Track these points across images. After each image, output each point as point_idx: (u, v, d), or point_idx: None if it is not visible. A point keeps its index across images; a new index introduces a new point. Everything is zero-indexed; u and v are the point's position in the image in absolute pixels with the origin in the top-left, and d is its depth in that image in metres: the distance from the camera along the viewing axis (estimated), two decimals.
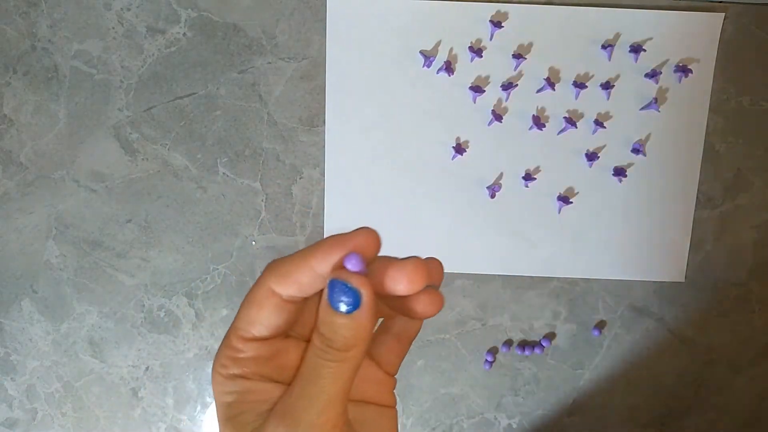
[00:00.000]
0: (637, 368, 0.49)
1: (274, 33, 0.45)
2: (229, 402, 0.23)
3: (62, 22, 0.45)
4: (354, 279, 0.21)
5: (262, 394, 0.23)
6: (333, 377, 0.22)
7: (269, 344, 0.24)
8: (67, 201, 0.47)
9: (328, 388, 0.22)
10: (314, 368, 0.22)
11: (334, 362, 0.22)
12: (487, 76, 0.45)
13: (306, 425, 0.22)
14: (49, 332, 0.48)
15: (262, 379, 0.24)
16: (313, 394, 0.22)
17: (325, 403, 0.22)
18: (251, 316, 0.23)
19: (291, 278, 0.23)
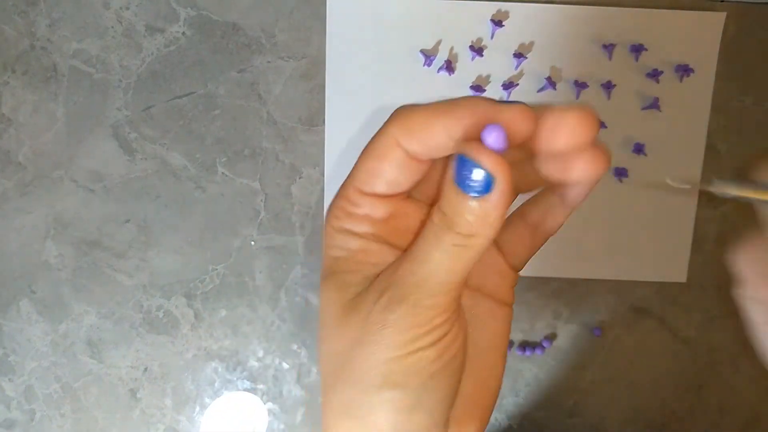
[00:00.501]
0: (639, 369, 0.49)
1: (273, 32, 0.45)
2: (336, 257, 0.21)
3: (61, 22, 0.45)
4: (488, 160, 0.18)
5: (374, 256, 0.21)
6: (449, 262, 0.19)
7: (388, 202, 0.21)
8: (65, 201, 0.47)
9: (441, 273, 0.19)
10: (430, 247, 0.19)
11: (453, 246, 0.19)
12: (488, 75, 0.44)
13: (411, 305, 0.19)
14: (47, 333, 0.48)
15: (376, 240, 0.21)
16: (425, 274, 0.19)
17: (436, 287, 0.19)
18: (371, 167, 0.20)
19: (418, 134, 0.20)
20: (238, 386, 0.49)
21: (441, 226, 0.19)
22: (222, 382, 0.49)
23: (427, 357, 0.20)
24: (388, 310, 0.20)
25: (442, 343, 0.20)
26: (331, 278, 0.21)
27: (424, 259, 0.20)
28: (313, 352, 0.48)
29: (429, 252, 0.19)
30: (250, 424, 0.49)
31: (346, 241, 0.21)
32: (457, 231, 0.19)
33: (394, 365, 0.20)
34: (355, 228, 0.21)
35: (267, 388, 0.48)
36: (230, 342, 0.48)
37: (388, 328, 0.19)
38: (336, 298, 0.21)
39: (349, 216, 0.21)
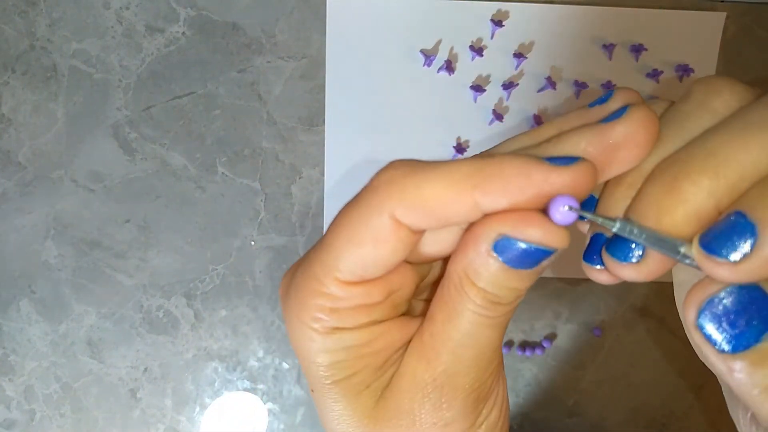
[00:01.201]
0: (639, 369, 0.48)
1: (273, 32, 0.45)
2: (333, 362, 0.18)
3: (61, 22, 0.45)
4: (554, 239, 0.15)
5: (380, 341, 0.18)
6: (496, 335, 0.17)
7: (381, 282, 0.17)
8: (65, 201, 0.47)
9: (489, 350, 0.17)
10: (474, 330, 0.17)
11: (499, 318, 0.17)
12: (488, 75, 0.44)
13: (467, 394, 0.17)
14: (47, 333, 0.48)
15: (378, 324, 0.18)
16: (472, 358, 0.17)
17: (484, 364, 0.18)
18: (362, 255, 0.16)
19: (433, 211, 0.15)
20: (238, 386, 0.49)
21: (485, 304, 0.17)
22: (222, 382, 0.48)
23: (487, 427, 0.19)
24: (443, 408, 0.17)
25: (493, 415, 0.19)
26: (335, 389, 0.18)
27: (471, 343, 0.17)
28: None
29: (475, 334, 0.17)
30: (250, 424, 0.49)
31: (340, 341, 0.17)
32: (505, 303, 0.17)
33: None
34: (348, 323, 0.17)
35: (267, 388, 0.48)
36: (230, 342, 0.48)
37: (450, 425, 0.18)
38: (355, 410, 0.18)
39: (335, 312, 0.17)
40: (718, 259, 0.14)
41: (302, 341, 0.18)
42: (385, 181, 0.16)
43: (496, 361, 0.18)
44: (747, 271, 0.14)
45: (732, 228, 0.14)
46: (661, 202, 0.15)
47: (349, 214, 0.17)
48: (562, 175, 0.15)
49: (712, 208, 0.15)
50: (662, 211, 0.15)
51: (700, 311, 0.15)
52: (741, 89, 0.16)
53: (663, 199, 0.15)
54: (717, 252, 0.14)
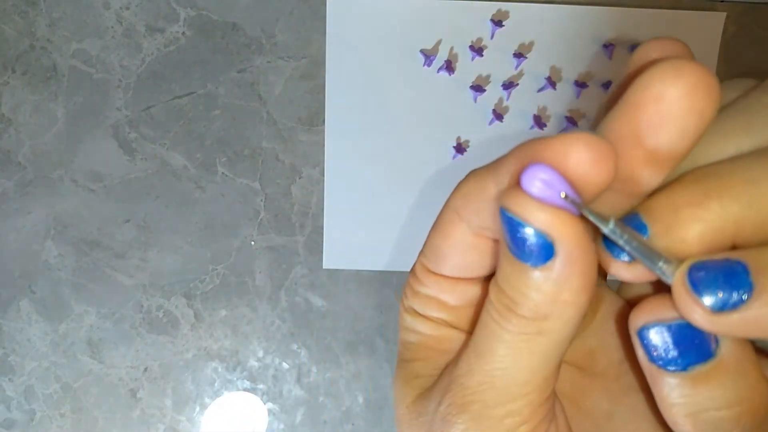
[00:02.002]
0: None
1: (273, 32, 0.45)
2: (408, 341, 0.18)
3: (61, 22, 0.45)
4: (535, 215, 0.13)
5: (446, 343, 0.17)
6: (518, 356, 0.14)
7: (459, 285, 0.16)
8: (65, 201, 0.47)
9: (509, 372, 0.14)
10: (491, 338, 0.14)
11: (520, 335, 0.14)
12: (488, 75, 0.44)
13: (474, 415, 0.15)
14: (47, 333, 0.48)
15: (448, 326, 0.17)
16: (488, 375, 0.15)
17: (505, 391, 0.14)
18: (435, 245, 0.16)
19: (472, 201, 0.15)
20: (238, 386, 0.49)
21: (501, 309, 0.14)
22: (222, 382, 0.49)
23: None
24: (447, 421, 0.15)
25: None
26: (402, 367, 0.18)
27: (484, 352, 0.15)
28: (313, 351, 0.48)
29: (490, 345, 0.15)
30: (250, 424, 0.49)
31: (415, 324, 0.17)
32: (521, 314, 0.14)
33: None
34: (423, 310, 0.17)
35: (267, 388, 0.48)
36: (230, 342, 0.48)
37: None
38: (405, 392, 0.17)
39: (417, 296, 0.17)
40: (697, 300, 0.13)
41: (399, 317, 0.18)
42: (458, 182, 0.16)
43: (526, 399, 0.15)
44: (719, 326, 0.13)
45: (728, 276, 0.13)
46: (680, 211, 0.13)
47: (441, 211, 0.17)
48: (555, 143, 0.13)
49: (728, 238, 0.13)
50: (677, 220, 0.13)
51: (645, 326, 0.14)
52: None
53: (684, 208, 0.13)
54: (700, 293, 0.13)
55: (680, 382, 0.14)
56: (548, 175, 0.13)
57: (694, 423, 0.14)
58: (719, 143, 0.14)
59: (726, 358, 0.14)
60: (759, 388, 0.14)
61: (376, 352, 0.48)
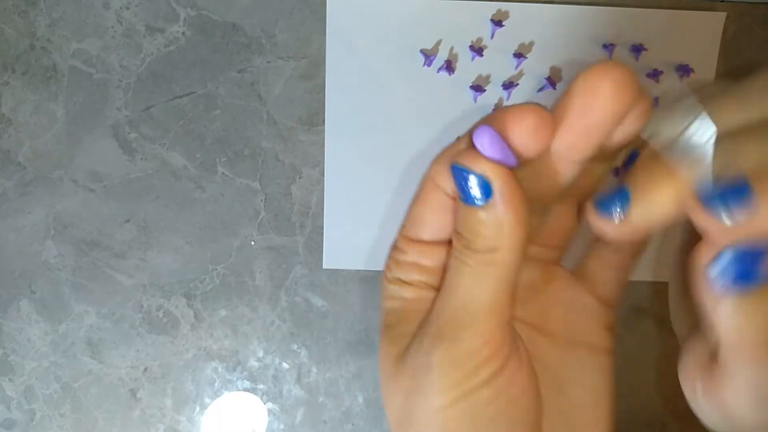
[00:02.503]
0: (639, 369, 0.48)
1: (273, 32, 0.45)
2: (391, 308, 0.20)
3: (61, 21, 0.45)
4: (474, 162, 0.17)
5: (426, 303, 0.20)
6: (479, 285, 0.18)
7: (436, 249, 0.20)
8: (65, 201, 0.47)
9: (473, 300, 0.18)
10: (456, 275, 0.18)
11: (478, 267, 0.17)
12: (488, 75, 0.44)
13: (450, 341, 0.18)
14: (47, 333, 0.48)
15: (427, 288, 0.20)
16: (457, 305, 0.18)
17: (472, 316, 0.18)
18: (416, 213, 0.20)
19: (445, 167, 0.18)
20: (238, 386, 0.49)
21: (461, 249, 0.18)
22: (222, 382, 0.49)
23: (481, 399, 0.18)
24: (430, 353, 0.18)
25: (497, 383, 0.18)
26: (387, 331, 0.20)
27: (453, 288, 0.18)
28: (313, 351, 0.48)
29: (456, 280, 0.18)
30: (250, 424, 0.49)
31: (398, 291, 0.20)
32: (476, 248, 0.17)
33: (448, 413, 0.18)
34: (406, 277, 0.20)
35: (267, 388, 0.48)
36: (230, 342, 0.48)
37: (434, 371, 0.18)
38: (390, 351, 0.20)
39: (399, 265, 0.20)
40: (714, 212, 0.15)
41: (381, 290, 0.21)
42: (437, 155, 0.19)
43: (489, 323, 0.18)
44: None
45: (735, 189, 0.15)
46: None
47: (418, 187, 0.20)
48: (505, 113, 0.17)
49: None
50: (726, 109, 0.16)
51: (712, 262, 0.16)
52: None
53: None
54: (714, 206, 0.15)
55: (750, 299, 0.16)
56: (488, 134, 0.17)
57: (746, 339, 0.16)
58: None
59: None
60: None
61: (376, 352, 0.48)
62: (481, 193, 0.17)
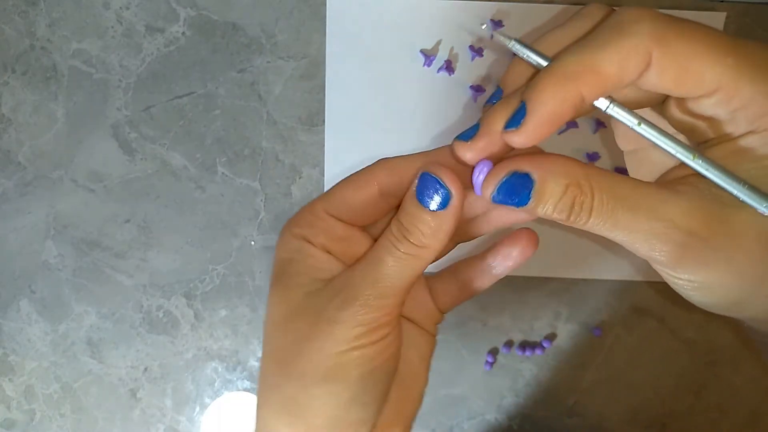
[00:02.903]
0: (639, 369, 0.48)
1: (273, 32, 0.45)
2: (289, 259, 0.24)
3: (61, 22, 0.45)
4: (448, 177, 0.21)
5: (323, 263, 0.23)
6: (400, 268, 0.22)
7: (346, 228, 0.24)
8: (65, 201, 0.47)
9: (391, 277, 0.22)
10: (385, 253, 0.22)
11: (404, 254, 0.22)
12: (488, 75, 0.44)
13: (362, 303, 0.21)
14: (47, 333, 0.48)
15: (327, 251, 0.24)
16: (378, 276, 0.22)
17: (386, 289, 0.22)
18: (346, 195, 0.23)
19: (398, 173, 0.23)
20: (238, 386, 0.49)
21: (397, 235, 0.22)
22: (222, 382, 0.49)
23: (368, 353, 0.22)
24: (340, 308, 0.22)
25: (383, 343, 0.22)
26: (282, 279, 0.23)
27: (378, 263, 0.22)
28: None
29: (383, 257, 0.22)
30: (250, 424, 0.49)
31: (300, 247, 0.23)
32: (411, 240, 0.21)
33: (339, 359, 0.22)
34: (312, 237, 0.23)
35: None
36: (230, 342, 0.48)
37: (340, 324, 0.21)
38: (285, 297, 0.23)
39: (310, 226, 0.23)
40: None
41: (280, 241, 0.24)
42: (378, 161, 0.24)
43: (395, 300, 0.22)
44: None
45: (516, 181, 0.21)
46: None
47: (351, 174, 0.24)
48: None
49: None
50: None
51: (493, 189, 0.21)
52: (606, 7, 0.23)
53: None
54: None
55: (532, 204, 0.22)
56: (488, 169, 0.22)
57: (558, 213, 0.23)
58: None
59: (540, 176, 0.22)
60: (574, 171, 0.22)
61: None
62: (439, 202, 0.21)
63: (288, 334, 0.22)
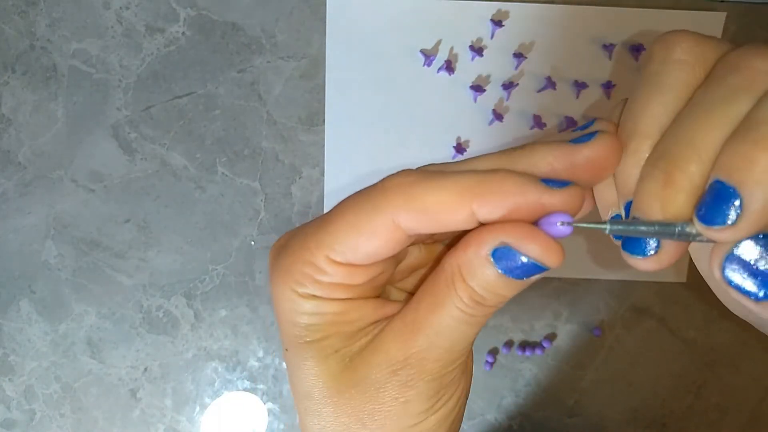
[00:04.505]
0: (639, 369, 0.48)
1: (273, 32, 0.45)
2: (307, 324, 0.20)
3: (61, 21, 0.45)
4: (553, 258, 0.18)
5: (353, 314, 0.20)
6: (470, 331, 0.19)
7: (366, 267, 0.19)
8: (65, 201, 0.47)
9: (463, 343, 0.19)
10: (454, 322, 0.19)
11: (480, 317, 0.19)
12: (488, 75, 0.44)
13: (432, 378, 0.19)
14: (47, 333, 0.48)
15: (353, 300, 0.20)
16: (447, 347, 0.19)
17: (456, 355, 0.19)
18: (356, 243, 0.18)
19: (433, 218, 0.17)
20: (238, 386, 0.49)
21: (470, 302, 0.18)
22: (222, 382, 0.48)
23: (444, 413, 0.20)
24: (407, 386, 0.19)
25: (451, 403, 0.20)
26: (307, 348, 0.20)
27: (448, 334, 0.19)
28: None
29: (453, 327, 0.19)
30: (250, 424, 0.49)
31: (317, 307, 0.19)
32: (489, 306, 0.19)
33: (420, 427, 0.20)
34: (328, 294, 0.19)
35: (267, 388, 0.48)
36: (230, 342, 0.48)
37: (410, 402, 0.19)
38: (322, 370, 0.20)
39: (317, 284, 0.19)
40: (717, 228, 0.16)
41: (283, 302, 0.19)
42: (395, 185, 0.18)
43: (465, 356, 0.20)
44: (745, 228, 0.16)
45: (718, 197, 0.16)
46: (662, 195, 0.17)
47: (355, 204, 0.18)
48: (554, 197, 0.17)
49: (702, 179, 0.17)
50: (666, 202, 0.17)
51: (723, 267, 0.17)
52: (696, 36, 0.18)
53: (662, 192, 0.17)
54: (713, 222, 0.16)
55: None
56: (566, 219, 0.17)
57: None
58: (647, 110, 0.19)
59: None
60: None
61: None
62: (525, 274, 0.18)
63: (342, 415, 0.20)
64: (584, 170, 0.18)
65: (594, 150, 0.18)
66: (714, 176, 0.16)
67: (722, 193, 0.16)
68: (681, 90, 0.18)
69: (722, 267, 0.17)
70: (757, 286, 0.16)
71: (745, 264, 0.16)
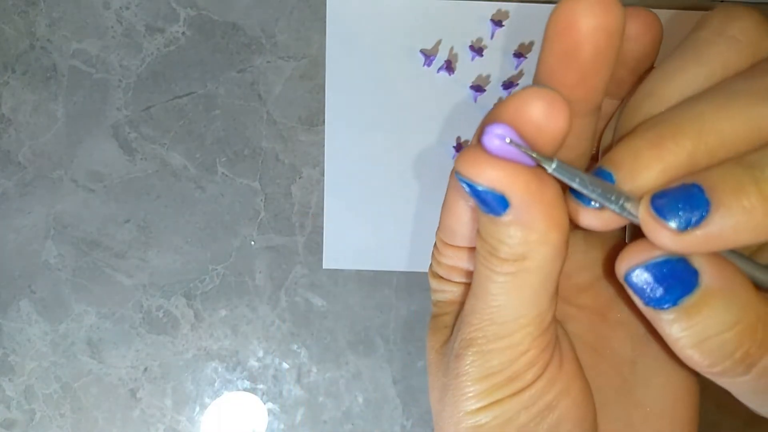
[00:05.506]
0: None
1: (273, 32, 0.45)
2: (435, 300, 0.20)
3: (61, 21, 0.45)
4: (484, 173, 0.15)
5: (464, 298, 0.19)
6: (508, 294, 0.16)
7: (471, 252, 0.18)
8: (65, 201, 0.47)
9: (503, 309, 0.16)
10: (484, 280, 0.16)
11: (505, 275, 0.16)
12: (488, 75, 0.44)
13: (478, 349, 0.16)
14: (47, 333, 0.48)
15: (467, 285, 0.19)
16: (486, 313, 0.16)
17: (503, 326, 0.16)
18: (444, 220, 0.19)
19: None
20: (238, 386, 0.49)
21: (485, 255, 0.16)
22: (222, 382, 0.49)
23: (509, 410, 0.16)
24: (459, 357, 0.17)
25: (527, 394, 0.16)
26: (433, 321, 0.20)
27: (481, 294, 0.16)
28: (313, 351, 0.48)
29: (484, 285, 0.16)
30: (250, 424, 0.49)
31: (441, 285, 0.20)
32: (501, 257, 0.16)
33: (477, 417, 0.17)
34: (446, 275, 0.19)
35: (267, 388, 0.48)
36: (230, 342, 0.48)
37: (462, 377, 0.17)
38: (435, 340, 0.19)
39: (439, 264, 0.19)
40: (663, 223, 0.14)
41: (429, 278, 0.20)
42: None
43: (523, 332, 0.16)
44: (686, 244, 0.14)
45: (687, 198, 0.14)
46: (641, 153, 0.15)
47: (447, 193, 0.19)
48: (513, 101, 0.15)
49: (686, 169, 0.15)
50: (640, 162, 0.15)
51: (629, 272, 0.15)
52: (759, 18, 0.16)
53: (644, 151, 0.15)
54: (664, 216, 0.14)
55: (676, 316, 0.15)
56: (502, 130, 0.14)
57: (701, 353, 0.16)
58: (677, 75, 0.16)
59: (710, 284, 0.15)
60: (752, 306, 0.15)
61: (376, 352, 0.48)
62: (497, 204, 0.15)
63: (435, 386, 0.19)
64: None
65: None
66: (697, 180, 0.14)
67: (694, 199, 0.14)
68: (719, 68, 0.16)
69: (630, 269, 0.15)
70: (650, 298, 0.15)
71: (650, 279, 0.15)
